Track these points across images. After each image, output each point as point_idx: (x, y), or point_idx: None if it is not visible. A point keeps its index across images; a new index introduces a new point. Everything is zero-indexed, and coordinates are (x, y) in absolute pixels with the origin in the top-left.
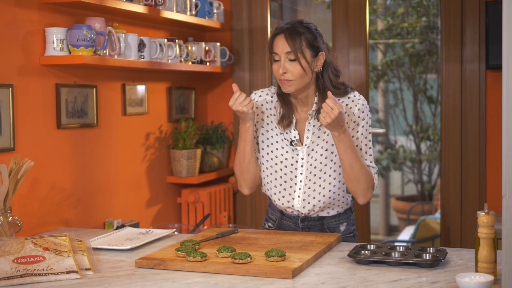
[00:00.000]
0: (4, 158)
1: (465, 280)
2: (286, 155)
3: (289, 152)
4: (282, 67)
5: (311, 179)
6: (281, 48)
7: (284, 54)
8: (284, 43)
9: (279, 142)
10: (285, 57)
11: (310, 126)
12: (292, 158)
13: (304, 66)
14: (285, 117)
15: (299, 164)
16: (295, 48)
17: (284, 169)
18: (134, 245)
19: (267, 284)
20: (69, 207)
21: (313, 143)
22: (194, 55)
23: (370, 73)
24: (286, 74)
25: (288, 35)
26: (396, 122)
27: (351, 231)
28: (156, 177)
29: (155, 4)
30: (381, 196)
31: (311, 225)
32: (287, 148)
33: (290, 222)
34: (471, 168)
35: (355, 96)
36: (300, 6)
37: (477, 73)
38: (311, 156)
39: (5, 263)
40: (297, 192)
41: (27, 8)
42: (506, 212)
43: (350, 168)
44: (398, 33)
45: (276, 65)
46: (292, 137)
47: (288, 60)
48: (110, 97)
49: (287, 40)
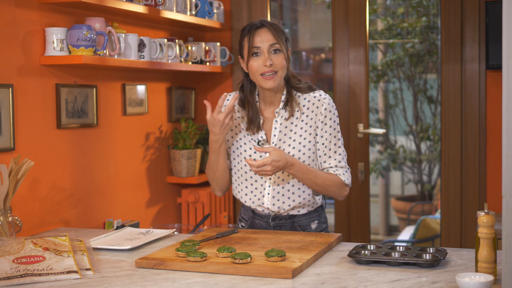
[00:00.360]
0: (4, 158)
1: (465, 280)
2: (254, 156)
3: (257, 152)
4: (268, 59)
5: (280, 177)
6: (266, 41)
7: (268, 46)
8: (268, 35)
9: (246, 144)
10: (269, 49)
11: (277, 124)
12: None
13: (286, 57)
14: (253, 121)
15: None
16: (279, 38)
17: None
18: (134, 245)
19: (267, 284)
20: (69, 207)
21: (280, 141)
22: (194, 55)
23: (370, 73)
24: (272, 66)
25: (270, 27)
26: (396, 122)
27: (323, 229)
28: (156, 177)
29: (155, 4)
30: (381, 196)
31: (282, 223)
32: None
33: (262, 221)
34: (471, 168)
35: (320, 95)
36: (300, 6)
37: (477, 73)
38: None
39: (5, 263)
40: (266, 190)
41: (27, 8)
42: (506, 212)
43: (315, 185)
44: (398, 33)
45: (256, 60)
46: (259, 137)
47: (272, 52)
48: (110, 97)
49: (271, 32)
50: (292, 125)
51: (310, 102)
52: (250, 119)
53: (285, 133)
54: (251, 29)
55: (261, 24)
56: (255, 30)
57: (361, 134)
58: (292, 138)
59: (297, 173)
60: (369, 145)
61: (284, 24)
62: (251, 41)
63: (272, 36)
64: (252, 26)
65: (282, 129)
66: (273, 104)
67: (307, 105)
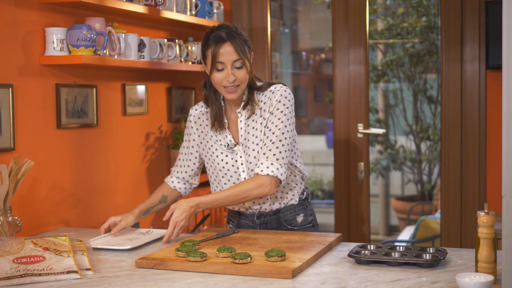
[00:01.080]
0: (4, 158)
1: (465, 280)
2: (226, 159)
3: (228, 155)
4: (230, 75)
5: (251, 175)
6: (229, 57)
7: (232, 61)
8: (231, 51)
9: (218, 149)
10: (232, 64)
11: (242, 124)
12: (232, 160)
13: (248, 69)
14: (216, 118)
15: (239, 163)
16: (242, 55)
17: (228, 172)
18: (134, 245)
19: (267, 284)
20: (69, 207)
21: (245, 140)
22: (194, 55)
23: (370, 73)
24: (235, 81)
25: (234, 43)
26: (396, 122)
27: (309, 221)
28: (156, 177)
29: (155, 4)
30: (381, 196)
31: (267, 220)
32: (226, 152)
33: (248, 221)
34: (471, 168)
35: (275, 87)
36: (300, 6)
37: (477, 73)
38: (248, 153)
39: (5, 263)
40: None
41: (27, 8)
42: (506, 212)
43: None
44: (398, 33)
45: (220, 73)
46: (228, 141)
47: (235, 67)
48: (110, 97)
49: (235, 48)
50: (253, 122)
51: (267, 96)
52: (213, 116)
53: (248, 132)
54: (216, 43)
55: (225, 36)
56: (219, 44)
57: (361, 134)
58: (255, 135)
59: (207, 206)
60: (369, 145)
61: (284, 24)
62: (214, 55)
63: (235, 52)
64: (217, 38)
65: (246, 128)
66: (236, 106)
67: (264, 100)
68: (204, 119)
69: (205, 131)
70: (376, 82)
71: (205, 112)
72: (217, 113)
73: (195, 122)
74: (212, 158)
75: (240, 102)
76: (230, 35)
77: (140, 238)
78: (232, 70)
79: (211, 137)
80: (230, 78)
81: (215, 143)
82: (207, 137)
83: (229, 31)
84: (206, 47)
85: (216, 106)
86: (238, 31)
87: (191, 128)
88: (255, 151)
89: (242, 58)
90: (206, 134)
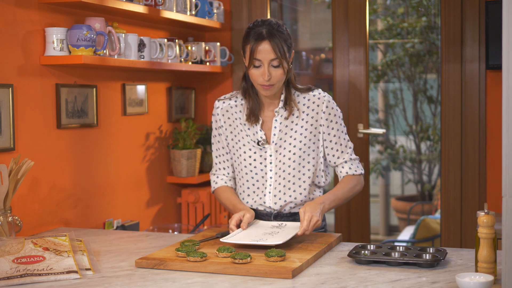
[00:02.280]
0: (4, 158)
1: (465, 280)
2: (254, 156)
3: (257, 152)
4: (266, 73)
5: (281, 175)
6: (266, 55)
7: (269, 60)
8: (269, 50)
9: (246, 145)
10: (269, 63)
11: (277, 123)
12: (260, 157)
13: (285, 69)
14: (253, 111)
15: (268, 161)
16: (280, 55)
17: (254, 170)
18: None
19: (267, 284)
20: (69, 207)
21: (280, 140)
22: (194, 55)
23: (370, 73)
24: (270, 80)
25: (272, 42)
26: (396, 122)
27: (323, 226)
28: (156, 177)
29: (155, 4)
30: (381, 196)
31: (284, 221)
32: (255, 148)
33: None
34: (471, 168)
35: (319, 93)
36: (300, 6)
37: (477, 73)
38: (280, 153)
39: (5, 263)
40: (268, 189)
41: (27, 8)
42: (506, 212)
43: (345, 200)
44: (398, 33)
45: (257, 70)
46: (259, 138)
47: (272, 66)
48: (110, 97)
49: (273, 47)
50: (292, 123)
51: (310, 101)
52: (250, 109)
53: (286, 132)
54: (255, 40)
55: (265, 34)
56: (258, 41)
57: (361, 134)
58: (293, 137)
59: (331, 205)
60: (369, 145)
61: (284, 24)
62: (252, 52)
63: (273, 52)
64: (256, 35)
65: (282, 128)
66: (272, 104)
67: (307, 104)
68: (233, 112)
69: (234, 125)
70: (376, 82)
71: (233, 105)
72: (254, 106)
73: (223, 115)
74: (238, 153)
75: (276, 101)
76: (270, 33)
77: (278, 232)
78: (269, 68)
79: (241, 131)
80: (266, 77)
81: (244, 138)
82: (236, 131)
83: (270, 28)
84: (246, 43)
85: (253, 100)
86: (279, 29)
87: (219, 121)
88: (291, 153)
89: (280, 57)
90: (235, 128)
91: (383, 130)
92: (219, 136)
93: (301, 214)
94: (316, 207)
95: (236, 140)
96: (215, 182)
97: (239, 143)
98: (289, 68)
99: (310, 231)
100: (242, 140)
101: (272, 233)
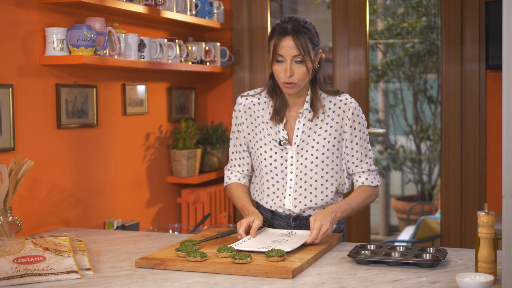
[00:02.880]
0: (4, 158)
1: (465, 280)
2: (275, 156)
3: (278, 153)
4: (288, 70)
5: (302, 178)
6: (289, 51)
7: (292, 56)
8: (292, 46)
9: (267, 144)
10: (291, 60)
11: (300, 124)
12: (281, 158)
13: (309, 67)
14: (278, 111)
15: (288, 163)
16: (303, 51)
17: (274, 170)
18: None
19: (267, 284)
20: (69, 207)
21: (303, 142)
22: (194, 55)
23: (370, 73)
24: (292, 77)
25: (296, 38)
26: (396, 122)
27: (341, 230)
28: (156, 177)
29: (155, 4)
30: (381, 196)
31: (303, 223)
32: (276, 148)
33: (282, 222)
34: (471, 168)
35: (346, 99)
36: (300, 6)
37: (477, 73)
38: (302, 155)
39: (5, 263)
40: (288, 191)
41: (27, 8)
42: (506, 212)
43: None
44: (398, 33)
45: (279, 66)
46: (281, 137)
47: (295, 62)
48: (110, 97)
49: (295, 43)
50: (316, 126)
51: (336, 105)
52: (275, 108)
53: (309, 135)
54: (279, 35)
55: (289, 30)
56: (281, 36)
57: None
58: (316, 140)
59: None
60: None
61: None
62: (276, 47)
63: (296, 48)
64: (281, 30)
65: (305, 130)
66: (296, 105)
67: (333, 108)
68: (255, 110)
69: (256, 123)
70: (376, 82)
71: (256, 102)
72: (279, 106)
73: (245, 112)
74: (259, 152)
75: (301, 101)
76: (295, 29)
77: (288, 240)
78: (292, 65)
79: (262, 130)
80: (288, 73)
81: (266, 137)
82: (257, 129)
83: (296, 24)
84: (270, 38)
85: (279, 99)
86: (306, 26)
87: (240, 118)
88: (314, 157)
89: (303, 54)
90: (257, 126)
91: (383, 130)
92: (238, 133)
93: (311, 222)
94: (327, 215)
95: (257, 139)
96: (229, 178)
97: (260, 142)
98: (314, 68)
99: (320, 240)
100: (263, 139)
101: (281, 241)
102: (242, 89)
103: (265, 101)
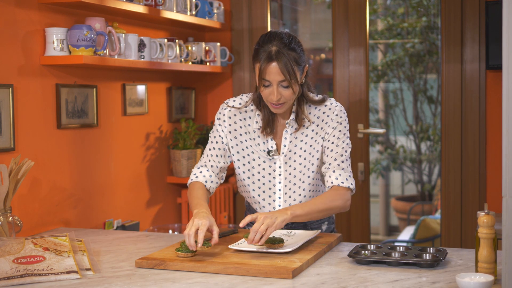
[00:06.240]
0: (4, 158)
1: (465, 280)
2: (263, 165)
3: (266, 162)
4: (275, 94)
5: (290, 188)
6: (274, 77)
7: (278, 81)
8: (277, 72)
9: (255, 153)
10: (278, 84)
11: (288, 134)
12: (269, 167)
13: (296, 90)
14: (268, 124)
15: (276, 173)
16: (289, 77)
17: (262, 179)
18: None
19: (267, 284)
20: (69, 207)
21: (290, 152)
22: (194, 55)
23: (370, 73)
24: (280, 99)
25: (281, 63)
26: (396, 122)
27: (332, 230)
28: (156, 177)
29: (155, 4)
30: (381, 196)
31: (294, 226)
32: (263, 158)
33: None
34: (471, 168)
35: (331, 103)
36: (300, 6)
37: (477, 73)
38: (289, 164)
39: (5, 263)
40: (277, 201)
41: (27, 8)
42: (506, 212)
43: (320, 214)
44: (398, 33)
45: (267, 89)
46: (269, 147)
47: (281, 86)
48: (110, 97)
49: (281, 69)
50: (302, 135)
51: (321, 111)
52: (265, 121)
53: (295, 144)
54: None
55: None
56: (266, 62)
57: (361, 134)
58: (303, 148)
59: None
60: (369, 145)
61: (284, 24)
62: (261, 72)
63: (282, 73)
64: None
65: (293, 140)
66: (282, 115)
67: (318, 114)
68: (241, 118)
69: (241, 131)
70: (376, 82)
71: (243, 111)
72: (269, 118)
73: (230, 117)
74: (246, 160)
75: (287, 112)
76: (279, 54)
77: (288, 240)
78: (279, 88)
79: (249, 139)
80: (275, 97)
81: (253, 147)
82: (242, 138)
83: (280, 47)
84: (255, 60)
85: (267, 111)
86: (291, 47)
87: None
88: (302, 165)
89: (289, 79)
90: (242, 135)
91: (383, 130)
92: (220, 138)
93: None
94: (276, 211)
95: (243, 147)
96: (195, 175)
97: (247, 150)
98: (301, 84)
99: (261, 243)
100: (250, 148)
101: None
102: (242, 89)
103: (251, 109)
